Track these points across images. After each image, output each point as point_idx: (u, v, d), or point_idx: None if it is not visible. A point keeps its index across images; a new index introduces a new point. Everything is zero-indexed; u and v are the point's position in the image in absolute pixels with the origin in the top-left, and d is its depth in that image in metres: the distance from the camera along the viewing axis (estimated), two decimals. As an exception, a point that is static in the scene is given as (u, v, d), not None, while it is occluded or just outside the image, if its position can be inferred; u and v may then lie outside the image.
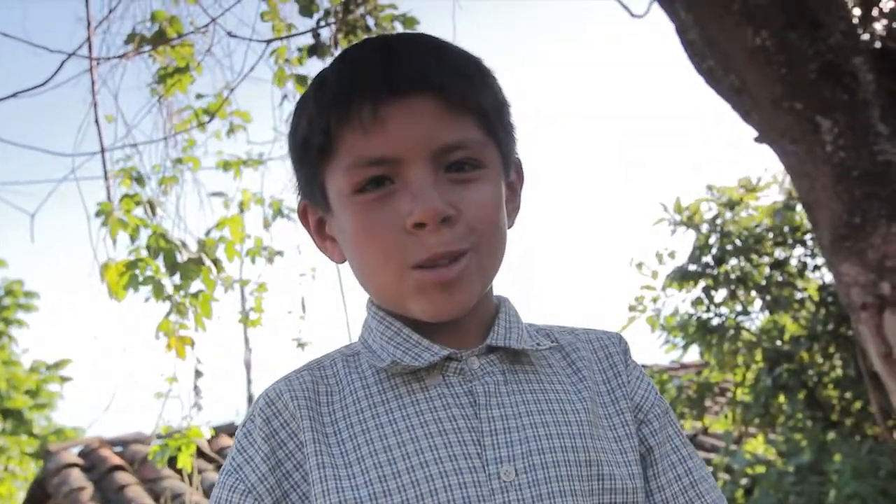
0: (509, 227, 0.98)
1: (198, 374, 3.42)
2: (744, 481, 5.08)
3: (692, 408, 5.46)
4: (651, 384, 1.02)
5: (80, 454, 6.07)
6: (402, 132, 0.88)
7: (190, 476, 3.48)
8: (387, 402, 0.90)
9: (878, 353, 2.88)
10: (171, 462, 3.58)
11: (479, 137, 0.91)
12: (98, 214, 2.93)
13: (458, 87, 0.90)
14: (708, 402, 5.99)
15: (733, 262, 5.17)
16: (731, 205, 5.21)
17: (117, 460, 5.89)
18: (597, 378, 0.99)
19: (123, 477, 5.67)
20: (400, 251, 0.88)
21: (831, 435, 4.77)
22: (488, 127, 0.92)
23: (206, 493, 5.46)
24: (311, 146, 0.93)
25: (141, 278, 2.85)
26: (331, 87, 0.92)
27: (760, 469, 5.10)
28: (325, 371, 0.94)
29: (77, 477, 5.68)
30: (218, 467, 5.94)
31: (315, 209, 0.98)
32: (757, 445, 5.51)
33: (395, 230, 0.88)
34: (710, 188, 5.48)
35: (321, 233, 0.99)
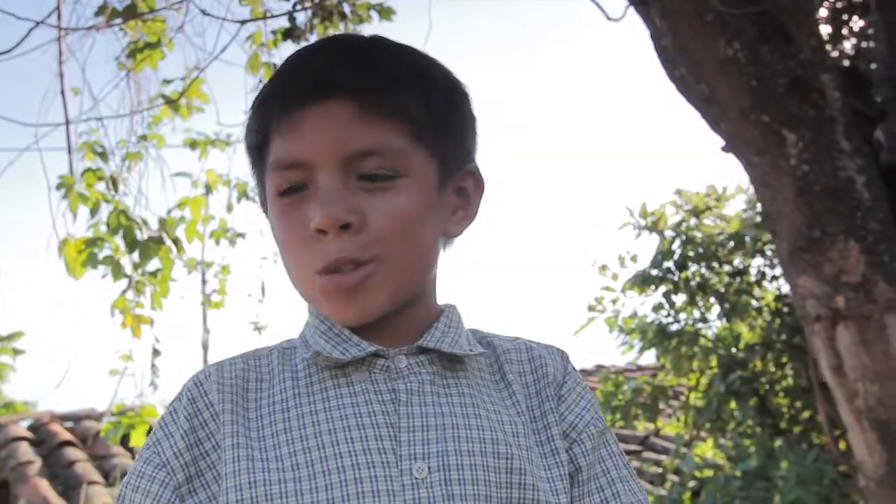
0: (457, 235, 0.98)
1: (155, 352, 3.39)
2: (692, 484, 5.16)
3: (646, 410, 5.52)
4: (590, 402, 0.99)
5: (30, 428, 5.99)
6: (314, 137, 0.88)
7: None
8: (311, 393, 0.91)
9: (828, 365, 2.93)
10: (124, 440, 3.54)
11: (400, 145, 0.90)
12: (59, 187, 2.88)
13: (377, 91, 0.89)
14: (661, 405, 6.06)
15: (694, 268, 5.22)
16: (697, 212, 5.26)
17: (67, 436, 5.82)
18: (529, 391, 0.97)
19: (73, 453, 5.61)
20: (308, 255, 0.89)
21: (779, 442, 4.84)
22: (416, 134, 0.91)
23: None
24: (250, 146, 0.95)
25: (100, 257, 2.81)
26: (264, 90, 0.94)
27: (709, 473, 5.17)
28: (259, 361, 0.95)
29: (25, 451, 5.60)
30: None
31: (263, 209, 1.00)
32: (706, 449, 5.59)
33: (304, 235, 0.89)
34: (678, 192, 5.52)
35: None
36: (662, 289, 5.30)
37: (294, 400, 0.91)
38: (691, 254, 5.19)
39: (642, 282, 5.30)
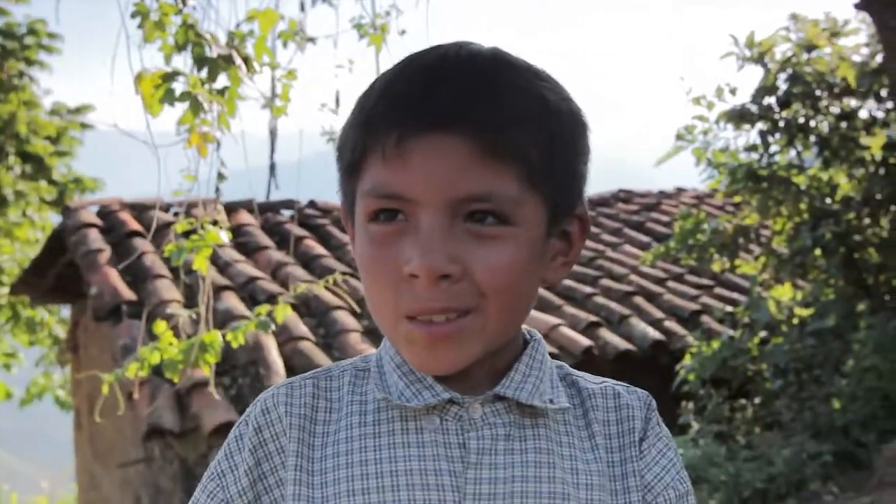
0: (554, 282, 0.92)
1: (220, 177, 3.39)
2: (763, 334, 5.15)
3: (724, 251, 5.44)
4: (672, 461, 0.94)
5: (99, 214, 6.15)
6: (422, 172, 0.83)
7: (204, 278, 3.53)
8: (378, 436, 0.88)
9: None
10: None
11: (514, 193, 0.83)
12: (134, 16, 2.78)
13: (498, 130, 0.82)
14: (740, 240, 5.94)
15: (798, 107, 4.95)
16: (810, 45, 4.91)
17: (136, 226, 5.98)
18: (612, 443, 0.92)
19: (141, 243, 5.77)
20: (395, 296, 0.85)
21: (861, 305, 4.76)
22: (533, 179, 0.84)
23: (222, 270, 5.61)
24: (344, 159, 0.89)
25: (178, 92, 2.74)
26: (369, 104, 0.87)
27: (782, 324, 5.13)
28: (331, 383, 0.93)
29: (95, 238, 5.79)
30: (235, 246, 6.04)
31: (348, 220, 0.93)
32: (783, 293, 5.53)
33: (395, 273, 0.85)
34: (793, 17, 5.14)
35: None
36: (760, 126, 5.07)
37: (360, 441, 0.88)
38: (797, 91, 4.90)
39: (739, 117, 5.07)
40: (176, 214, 5.82)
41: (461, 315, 0.84)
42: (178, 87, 2.77)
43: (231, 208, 6.26)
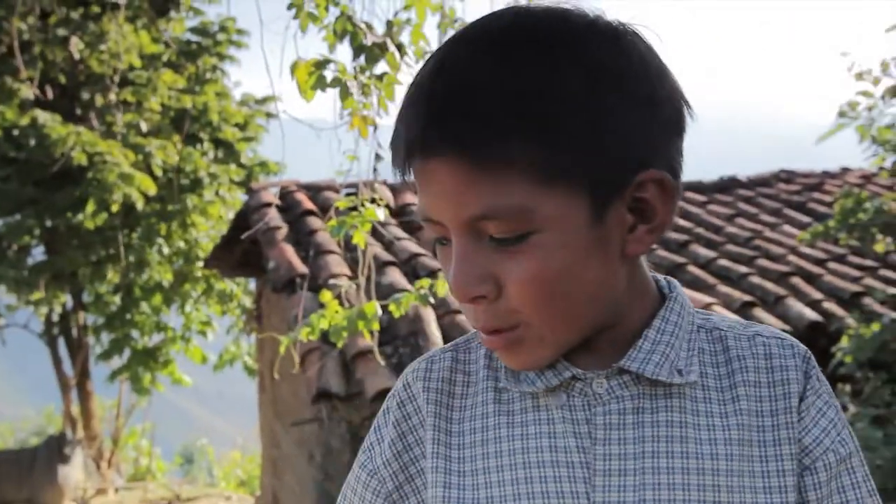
0: (642, 252, 0.83)
1: (378, 157, 3.52)
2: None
3: (888, 230, 5.14)
4: (832, 421, 0.86)
5: (279, 195, 6.51)
6: (434, 197, 0.80)
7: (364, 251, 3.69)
8: (512, 413, 0.87)
9: None
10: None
11: (521, 200, 0.76)
12: (290, 7, 2.93)
13: (482, 144, 0.75)
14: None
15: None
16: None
17: (310, 205, 6.29)
18: (763, 408, 0.85)
19: (314, 222, 6.07)
20: (464, 308, 0.84)
21: None
22: (544, 177, 0.76)
23: (386, 246, 5.80)
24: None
25: (329, 79, 2.87)
26: (396, 121, 0.83)
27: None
28: (469, 355, 0.92)
29: (274, 216, 6.12)
30: (399, 224, 6.22)
31: None
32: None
33: None
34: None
35: None
36: (929, 102, 4.74)
37: (494, 418, 0.87)
38: (970, 64, 4.55)
39: (906, 92, 4.75)
40: (349, 195, 6.09)
41: (509, 330, 0.81)
42: (329, 74, 2.90)
43: (397, 189, 6.46)
